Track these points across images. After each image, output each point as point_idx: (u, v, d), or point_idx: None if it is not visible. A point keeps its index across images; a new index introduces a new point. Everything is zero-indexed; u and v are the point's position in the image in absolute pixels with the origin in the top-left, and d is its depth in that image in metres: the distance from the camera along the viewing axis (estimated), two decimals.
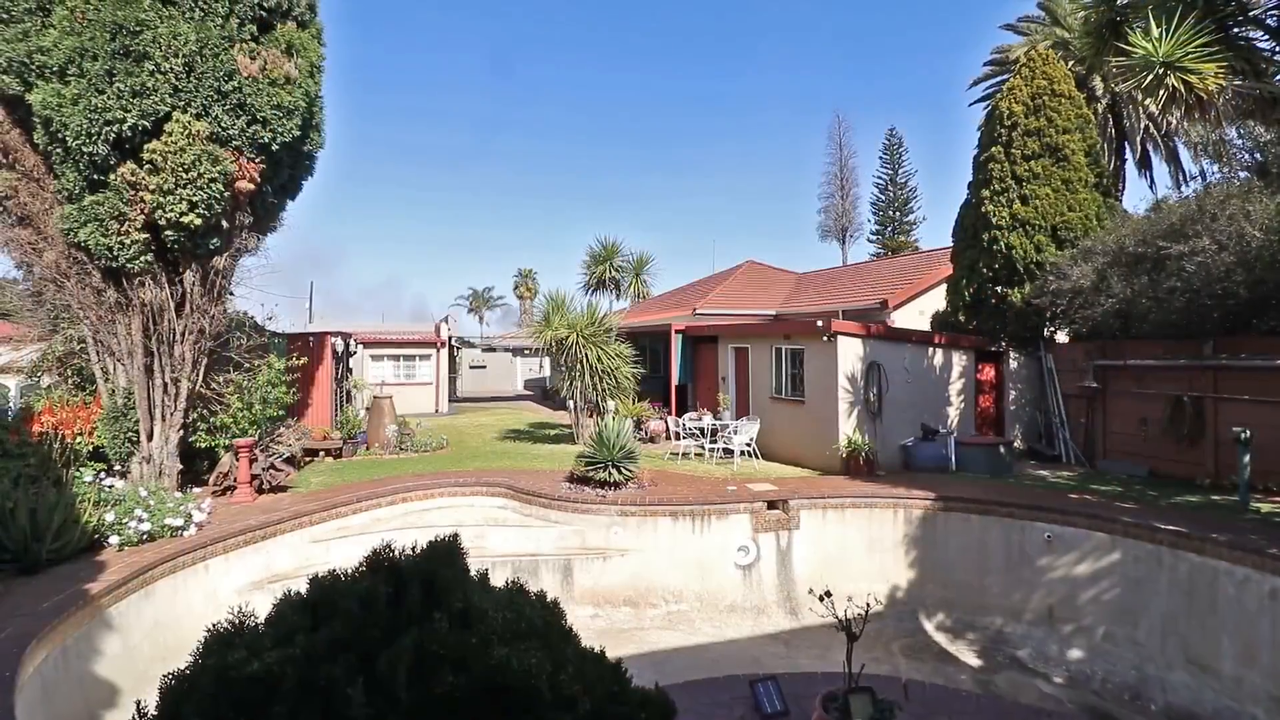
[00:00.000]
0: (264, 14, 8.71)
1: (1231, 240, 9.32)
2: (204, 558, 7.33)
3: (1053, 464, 12.11)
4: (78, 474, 7.90)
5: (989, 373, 13.24)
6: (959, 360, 12.58)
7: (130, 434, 9.05)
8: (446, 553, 2.14)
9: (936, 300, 15.99)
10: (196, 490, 9.27)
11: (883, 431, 11.56)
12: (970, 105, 25.22)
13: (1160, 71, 6.36)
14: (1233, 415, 9.52)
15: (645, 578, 8.99)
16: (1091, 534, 8.04)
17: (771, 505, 9.41)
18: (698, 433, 13.35)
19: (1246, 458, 8.35)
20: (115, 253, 8.26)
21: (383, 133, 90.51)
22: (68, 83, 7.62)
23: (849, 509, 9.48)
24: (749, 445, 12.34)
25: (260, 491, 9.67)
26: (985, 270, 13.05)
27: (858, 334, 11.67)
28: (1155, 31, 6.38)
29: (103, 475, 8.29)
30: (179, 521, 7.54)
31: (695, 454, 13.17)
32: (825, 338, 11.62)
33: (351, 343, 17.42)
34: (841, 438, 11.26)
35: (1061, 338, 13.20)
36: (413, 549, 2.15)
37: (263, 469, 9.72)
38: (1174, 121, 7.08)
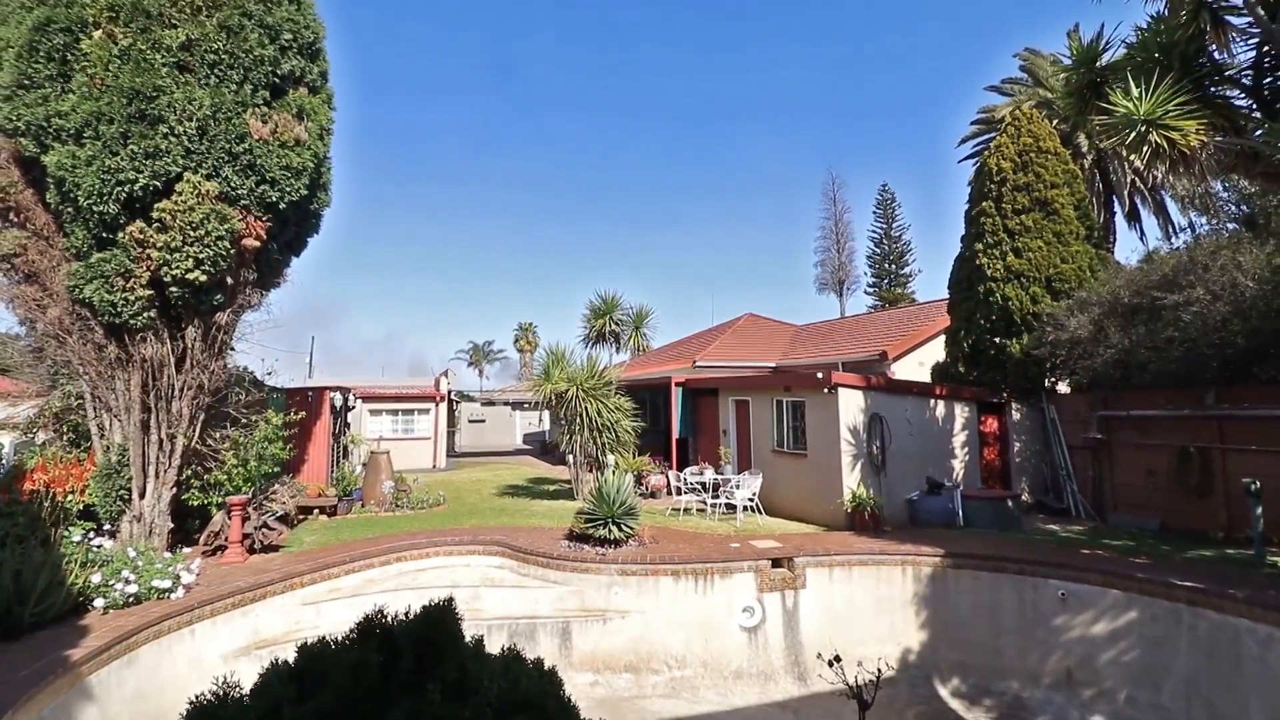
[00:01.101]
0: (277, 80, 9.05)
1: (1225, 290, 9.42)
2: (190, 622, 7.07)
3: (1061, 518, 11.87)
4: (66, 533, 7.71)
5: (992, 424, 13.14)
6: (961, 412, 12.52)
7: (122, 492, 8.89)
8: (441, 618, 2.05)
9: (936, 351, 16.05)
10: (186, 550, 9.04)
11: (887, 485, 11.38)
12: (960, 162, 26.07)
13: (1142, 129, 6.56)
14: (1240, 466, 9.40)
15: (647, 641, 8.66)
16: (1107, 591, 7.80)
17: (776, 563, 9.16)
18: (699, 488, 13.14)
19: (1259, 510, 8.20)
20: (119, 309, 8.32)
21: (386, 188, 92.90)
22: (83, 145, 7.83)
23: (856, 567, 9.22)
24: (752, 500, 12.12)
25: (251, 551, 9.43)
26: (983, 321, 13.14)
27: (858, 386, 11.64)
28: (1135, 91, 6.63)
29: (92, 535, 8.10)
30: (167, 583, 7.32)
31: (697, 509, 12.93)
32: (826, 390, 11.59)
33: (350, 397, 17.36)
34: (846, 492, 11.07)
35: (1063, 389, 13.17)
36: (406, 614, 2.06)
37: (255, 528, 9.51)
38: (1159, 176, 7.26)
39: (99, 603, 6.85)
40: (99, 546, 7.79)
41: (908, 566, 9.13)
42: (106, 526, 8.87)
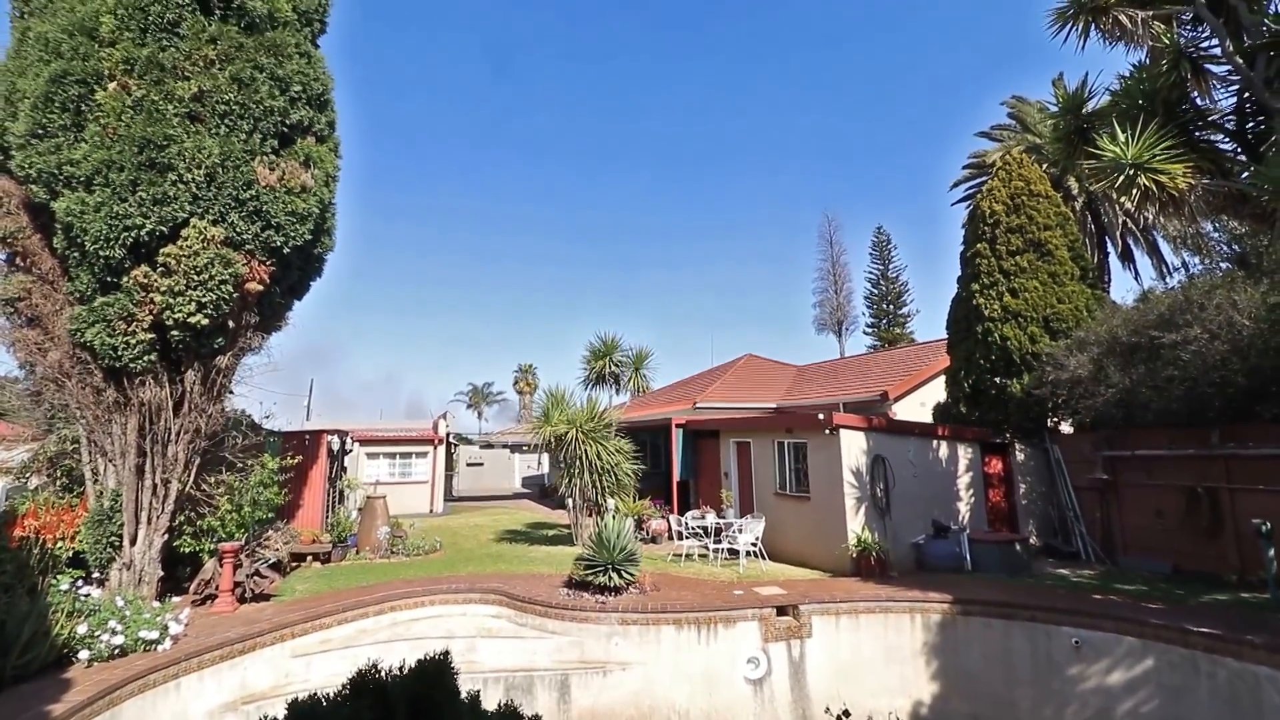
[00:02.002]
0: (286, 130, 9.27)
1: (1223, 329, 9.46)
2: (176, 675, 6.84)
3: (1071, 561, 11.63)
4: (54, 581, 7.54)
5: (996, 465, 13.00)
6: (964, 453, 12.40)
7: (113, 538, 8.72)
8: (436, 672, 1.97)
9: (936, 391, 16.01)
10: (176, 599, 8.82)
11: (893, 528, 11.18)
12: (953, 205, 26.52)
13: (1131, 173, 6.70)
14: (1249, 506, 9.26)
15: (649, 694, 8.36)
16: (1121, 638, 7.57)
17: (781, 611, 8.92)
18: (701, 532, 12.91)
19: (1272, 552, 8.05)
20: (119, 352, 8.33)
21: (385, 229, 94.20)
22: (92, 191, 7.96)
23: (864, 614, 8.98)
24: (755, 545, 11.89)
25: (242, 600, 9.19)
26: (982, 361, 13.15)
27: (860, 427, 11.56)
28: (1122, 136, 6.80)
29: (80, 583, 7.91)
30: (154, 634, 7.10)
31: (699, 554, 12.67)
32: (827, 431, 11.50)
33: (348, 441, 17.22)
34: (850, 536, 10.87)
35: (1066, 429, 13.09)
36: (400, 668, 1.99)
37: (247, 575, 9.29)
38: (1150, 217, 7.37)
39: (84, 654, 6.64)
40: (86, 595, 7.60)
41: (916, 614, 8.89)
42: (96, 574, 8.67)
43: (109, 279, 8.35)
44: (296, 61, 9.24)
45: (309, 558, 12.45)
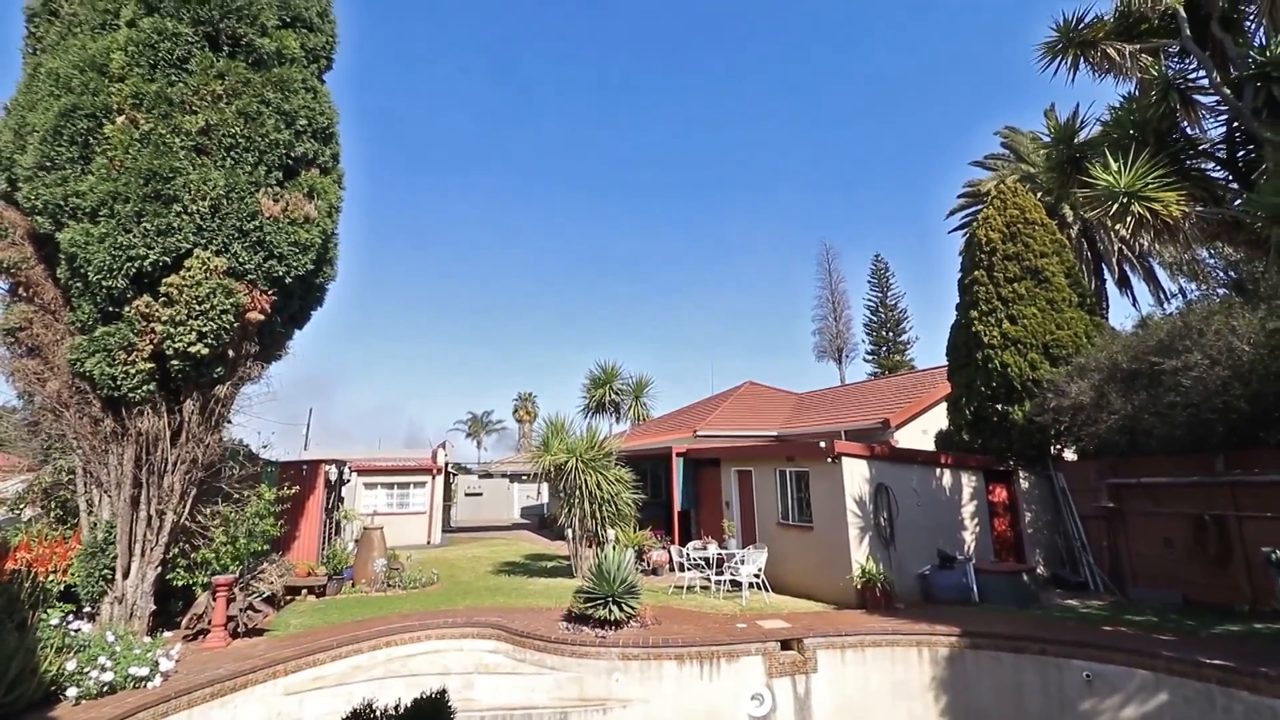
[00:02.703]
0: (291, 162, 9.40)
1: (1223, 355, 9.45)
2: (165, 713, 6.66)
3: (1080, 592, 11.43)
4: (45, 616, 7.39)
5: (1001, 493, 12.86)
6: (968, 481, 12.29)
7: (106, 571, 8.58)
8: (432, 712, 1.91)
9: (938, 418, 15.94)
10: (167, 634, 8.64)
11: (897, 559, 11.01)
12: (950, 232, 26.80)
13: (1124, 201, 6.78)
14: (1258, 534, 9.14)
15: None
16: (1134, 672, 7.39)
17: (785, 645, 8.73)
18: (702, 563, 12.71)
19: None
20: (119, 382, 8.31)
21: (386, 257, 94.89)
22: (97, 222, 8.03)
23: (870, 648, 8.78)
24: (757, 576, 11.69)
25: (235, 635, 9.00)
26: (983, 388, 13.12)
27: (862, 455, 11.47)
28: (1114, 166, 6.89)
29: (70, 617, 7.76)
30: (144, 670, 6.94)
31: (701, 586, 12.46)
32: (829, 459, 11.41)
33: (346, 471, 17.09)
34: (855, 567, 10.69)
35: (1069, 456, 12.99)
36: (395, 708, 1.93)
37: (240, 609, 9.12)
38: (1145, 244, 7.43)
39: (72, 691, 6.48)
40: (77, 630, 7.45)
41: (924, 647, 8.69)
42: (87, 608, 8.51)
43: (111, 309, 8.38)
44: (303, 96, 9.41)
45: (304, 591, 12.24)
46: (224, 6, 8.75)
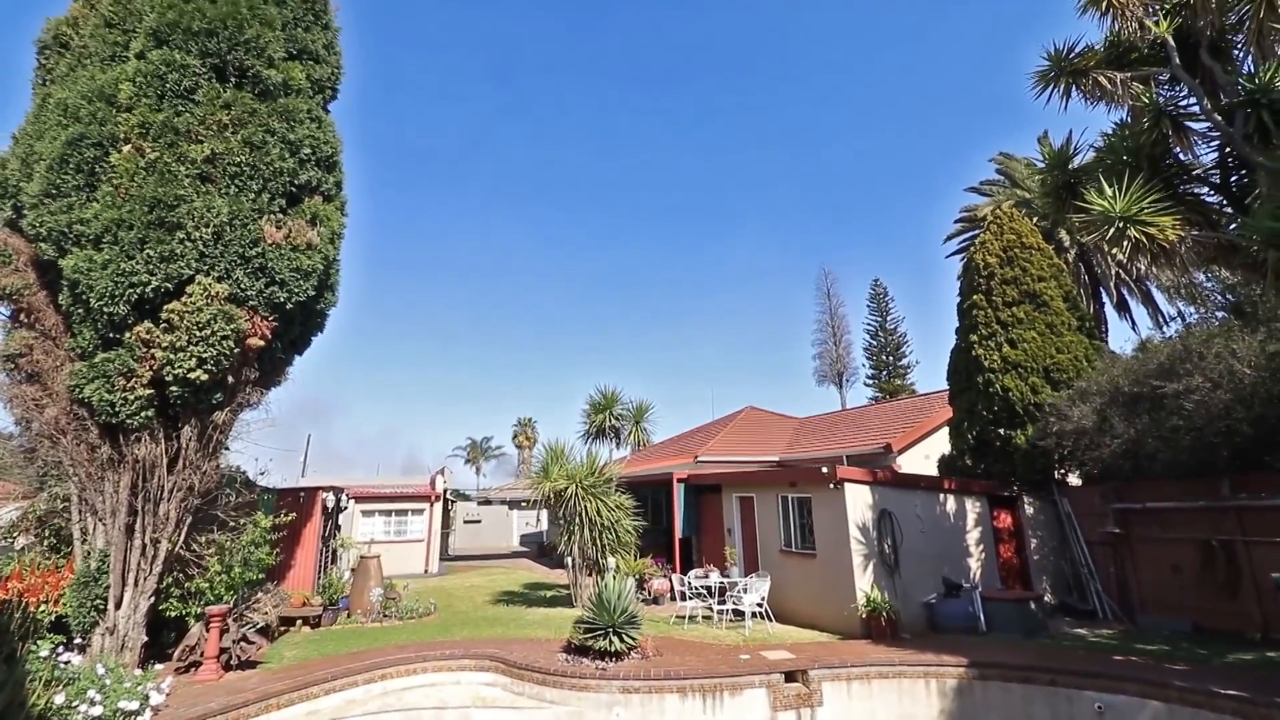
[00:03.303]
0: (294, 189, 9.50)
1: (1224, 378, 9.43)
2: None
3: (1088, 620, 11.22)
4: (34, 647, 7.24)
5: (1006, 519, 12.72)
6: (973, 507, 12.16)
7: (98, 601, 8.44)
8: None
9: (940, 443, 15.84)
10: (159, 666, 8.46)
11: (902, 587, 10.84)
12: (947, 257, 27.00)
13: (1120, 225, 6.82)
14: (1267, 559, 9.01)
15: None
16: (1146, 703, 7.22)
17: (790, 677, 8.53)
18: (704, 592, 12.51)
19: None
20: (117, 408, 8.27)
21: (388, 283, 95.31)
22: (101, 249, 8.08)
23: (876, 680, 8.58)
24: (760, 605, 11.49)
25: (227, 668, 8.81)
26: (985, 412, 13.07)
27: (865, 480, 11.36)
28: (1109, 191, 6.95)
29: (61, 649, 7.61)
30: (134, 705, 6.77)
31: (703, 616, 12.24)
32: (832, 485, 11.30)
33: (343, 498, 16.93)
34: (859, 595, 10.51)
35: (1074, 480, 12.88)
36: None
37: (234, 641, 8.93)
38: (1143, 268, 7.46)
39: None
40: (66, 662, 7.30)
41: (932, 679, 8.50)
42: (78, 640, 8.35)
43: (111, 335, 8.38)
44: (308, 126, 9.55)
45: (299, 621, 12.02)
46: (232, 39, 8.93)
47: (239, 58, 9.02)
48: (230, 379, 9.14)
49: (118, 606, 8.50)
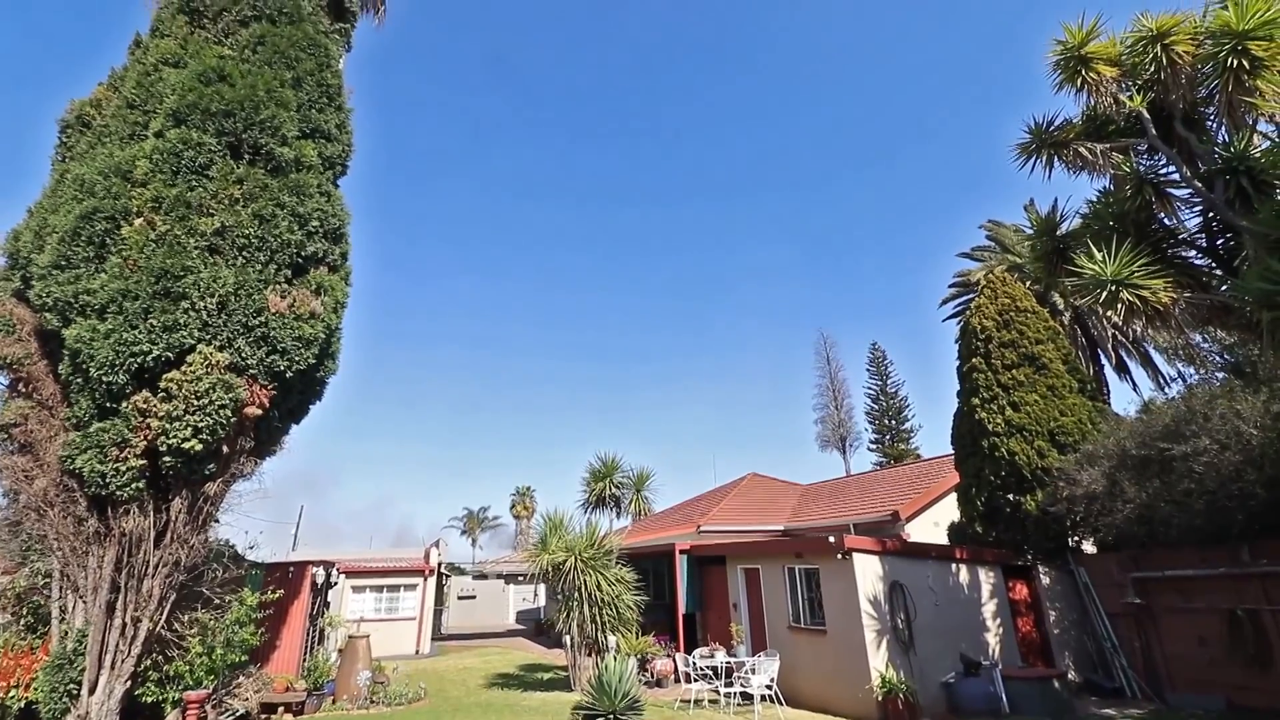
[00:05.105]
0: (300, 260, 9.68)
1: (1231, 439, 9.31)
2: None
3: (1116, 699, 10.60)
4: None
5: (1021, 590, 12.25)
6: (986, 577, 11.73)
7: (71, 685, 7.98)
8: None
9: (949, 509, 15.48)
10: None
11: (918, 665, 10.29)
12: (944, 320, 27.27)
13: (1113, 289, 6.91)
14: None
15: None
16: None
17: None
18: (710, 673, 11.87)
19: None
20: (107, 479, 8.11)
21: (386, 351, 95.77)
22: (105, 319, 8.15)
23: None
24: (770, 688, 10.87)
25: None
26: (992, 478, 12.84)
27: (874, 550, 11.01)
28: (1099, 255, 7.08)
29: None
30: None
31: (709, 699, 11.57)
32: (840, 555, 10.93)
33: (333, 573, 16.36)
34: (873, 675, 9.96)
35: (1089, 548, 12.49)
36: None
37: None
38: (1139, 330, 7.50)
39: None
40: None
41: None
42: None
43: (108, 404, 8.32)
44: (317, 200, 9.85)
45: (280, 708, 11.32)
46: (249, 119, 9.34)
47: (254, 136, 9.41)
48: (225, 449, 9.01)
49: (91, 692, 8.03)
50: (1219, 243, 7.41)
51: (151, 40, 10.79)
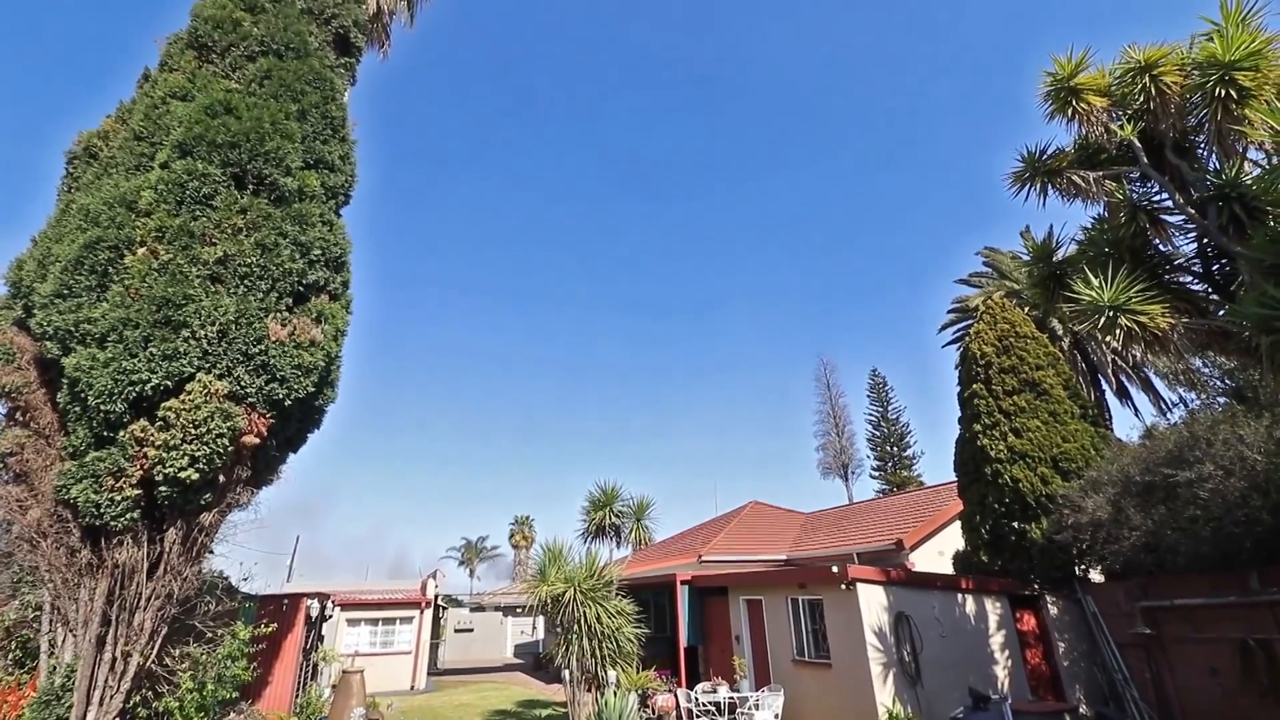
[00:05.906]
0: (302, 289, 9.71)
1: (1235, 465, 9.25)
2: None
3: None
4: None
5: (1029, 621, 12.03)
6: (993, 607, 11.54)
7: None
8: None
9: (954, 537, 15.30)
10: None
11: (926, 699, 10.06)
12: (943, 346, 27.31)
13: (1111, 315, 6.94)
14: None
15: None
16: None
17: None
18: (713, 709, 11.61)
19: None
20: (102, 510, 8.00)
21: (383, 382, 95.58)
22: (105, 348, 8.13)
23: None
24: None
25: None
26: (996, 505, 12.71)
27: (878, 580, 10.85)
28: (1095, 281, 7.13)
29: None
30: None
31: None
32: (843, 585, 10.77)
33: (329, 606, 16.07)
34: (880, 710, 9.74)
35: (1095, 576, 12.31)
36: None
37: None
38: (1139, 355, 7.51)
39: None
40: None
41: None
42: None
43: (106, 433, 8.26)
44: (319, 229, 9.93)
45: None
46: (254, 150, 9.48)
47: (258, 167, 9.54)
48: (221, 478, 8.92)
49: None
50: (1215, 268, 7.47)
51: (160, 74, 11.01)
